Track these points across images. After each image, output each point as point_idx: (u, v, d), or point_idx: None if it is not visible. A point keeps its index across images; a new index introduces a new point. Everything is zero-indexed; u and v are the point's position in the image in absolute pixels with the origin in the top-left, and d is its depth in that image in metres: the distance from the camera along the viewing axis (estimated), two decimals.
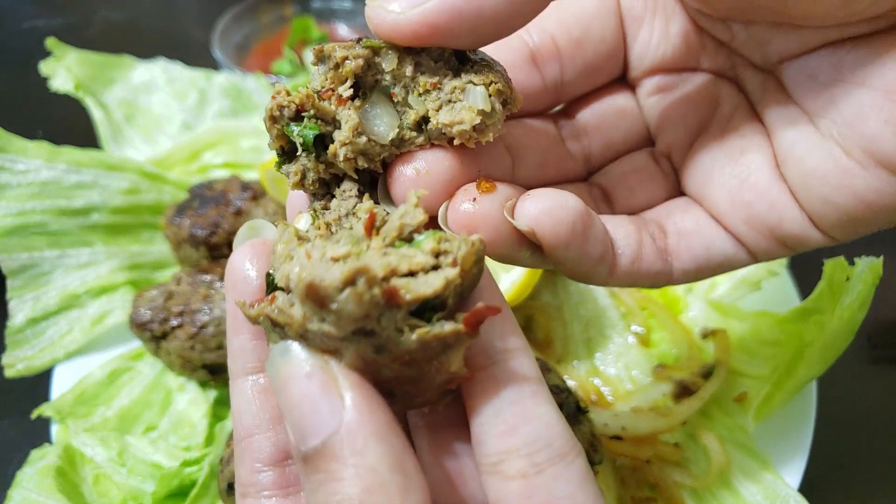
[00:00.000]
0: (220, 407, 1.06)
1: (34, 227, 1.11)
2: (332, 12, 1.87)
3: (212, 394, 1.06)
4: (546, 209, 0.47)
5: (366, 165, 0.49)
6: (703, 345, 1.07)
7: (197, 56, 1.62)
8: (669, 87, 0.61)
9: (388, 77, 0.49)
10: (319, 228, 0.47)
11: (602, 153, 0.63)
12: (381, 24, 0.46)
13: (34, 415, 0.98)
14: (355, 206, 0.49)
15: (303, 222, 0.49)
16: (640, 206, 0.60)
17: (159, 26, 2.07)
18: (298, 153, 0.49)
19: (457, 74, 0.49)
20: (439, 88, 0.48)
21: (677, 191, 0.61)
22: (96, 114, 1.37)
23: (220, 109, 1.49)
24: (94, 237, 1.16)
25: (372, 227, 0.44)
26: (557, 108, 0.64)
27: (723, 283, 1.12)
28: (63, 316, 1.11)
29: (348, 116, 0.48)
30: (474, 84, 0.48)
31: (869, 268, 0.86)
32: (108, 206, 1.17)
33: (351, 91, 0.48)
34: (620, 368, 1.07)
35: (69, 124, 1.41)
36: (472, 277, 0.43)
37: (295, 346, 0.42)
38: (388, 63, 0.48)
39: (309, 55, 0.55)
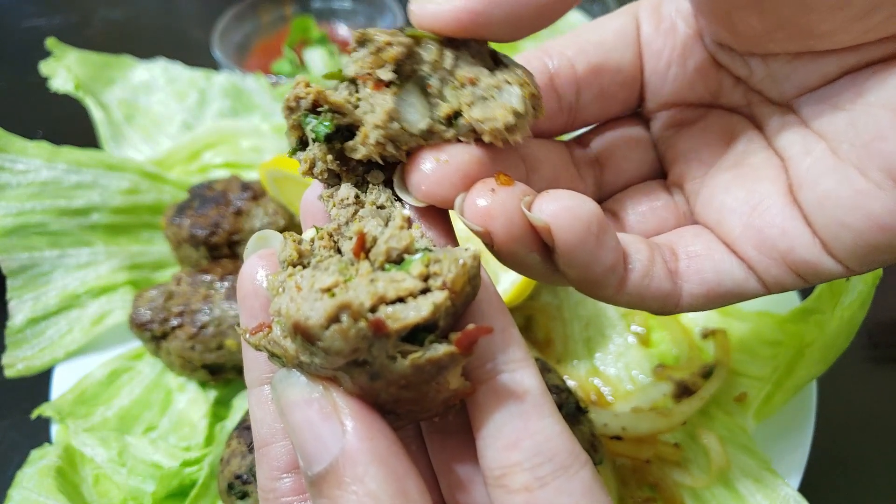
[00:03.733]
0: (220, 407, 1.06)
1: (34, 227, 1.11)
2: (332, 12, 1.87)
3: (212, 394, 1.06)
4: (564, 206, 0.47)
5: (392, 153, 0.49)
6: (703, 345, 1.07)
7: (197, 56, 1.62)
8: (684, 122, 0.61)
9: (426, 68, 0.49)
10: (323, 239, 0.47)
11: (613, 181, 0.64)
12: (423, 13, 0.46)
13: (34, 415, 0.98)
14: (355, 213, 0.49)
15: (307, 233, 0.49)
16: (650, 233, 0.61)
17: (159, 26, 2.06)
18: (310, 144, 0.49)
19: (492, 73, 0.49)
20: (475, 84, 0.48)
21: (688, 219, 0.61)
22: (96, 114, 1.37)
23: (220, 109, 1.49)
24: (94, 237, 1.16)
25: (360, 251, 0.43)
26: (572, 135, 0.65)
27: None
28: (63, 316, 1.10)
29: (383, 101, 0.47)
30: (510, 84, 0.48)
31: None
32: (108, 206, 1.17)
33: (391, 75, 0.47)
34: (620, 368, 1.07)
35: (69, 124, 1.41)
36: (466, 296, 0.42)
37: (295, 373, 0.42)
38: (429, 54, 0.48)
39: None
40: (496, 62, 0.50)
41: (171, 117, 1.46)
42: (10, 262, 1.08)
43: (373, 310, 0.38)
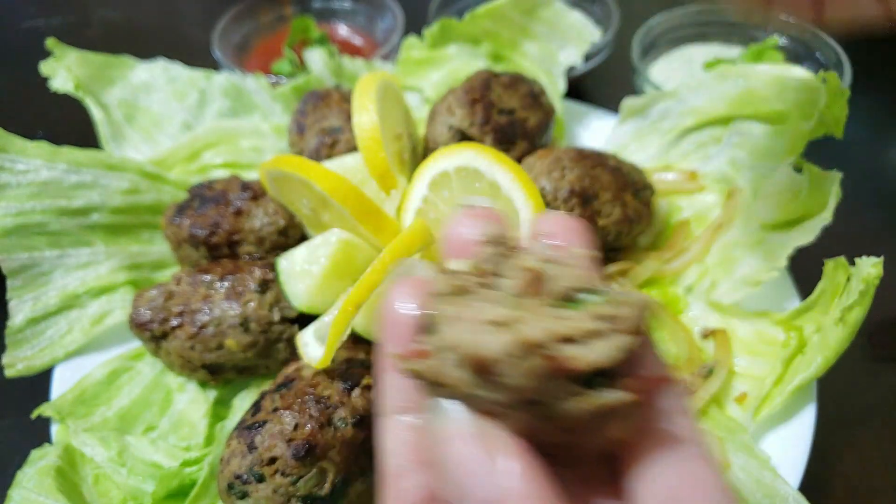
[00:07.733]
0: (220, 407, 1.06)
1: (34, 227, 1.11)
2: (332, 12, 1.87)
3: (212, 394, 1.06)
4: None
5: None
6: (703, 345, 1.07)
7: (197, 56, 1.61)
8: None
9: None
10: (483, 275, 0.44)
11: None
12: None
13: (34, 415, 0.98)
14: (504, 253, 0.46)
15: (454, 264, 0.46)
16: None
17: (159, 26, 2.06)
18: None
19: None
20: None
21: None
22: (96, 114, 1.37)
23: (220, 109, 1.49)
24: (94, 237, 1.16)
25: (532, 286, 0.41)
26: None
27: (723, 283, 1.12)
28: (63, 316, 1.11)
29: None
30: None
31: (869, 268, 0.86)
32: (108, 206, 1.17)
33: None
34: None
35: (69, 124, 1.41)
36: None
37: (456, 406, 0.40)
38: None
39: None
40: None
41: (171, 117, 1.45)
42: (10, 262, 1.08)
43: (550, 348, 0.37)
